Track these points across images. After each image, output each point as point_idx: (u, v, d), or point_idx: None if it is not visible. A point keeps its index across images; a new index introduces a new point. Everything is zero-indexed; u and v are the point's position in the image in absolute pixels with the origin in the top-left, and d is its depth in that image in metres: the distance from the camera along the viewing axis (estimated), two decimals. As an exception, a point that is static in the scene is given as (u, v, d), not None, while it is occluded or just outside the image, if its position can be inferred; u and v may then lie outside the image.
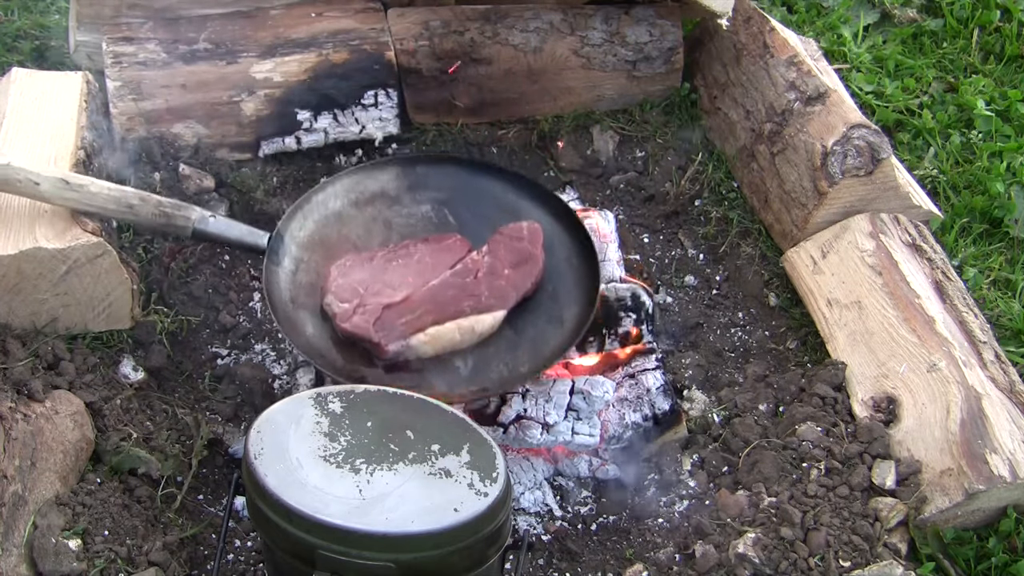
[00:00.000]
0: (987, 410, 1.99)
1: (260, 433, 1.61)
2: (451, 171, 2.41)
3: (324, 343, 2.10)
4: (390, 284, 2.15)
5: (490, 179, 2.40)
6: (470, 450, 1.63)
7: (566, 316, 2.17)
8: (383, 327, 2.08)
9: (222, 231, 2.16)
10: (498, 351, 2.12)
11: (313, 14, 2.76)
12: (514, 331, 2.15)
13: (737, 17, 2.84)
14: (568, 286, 2.23)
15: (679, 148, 2.85)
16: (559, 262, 2.26)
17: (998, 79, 3.16)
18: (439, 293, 2.14)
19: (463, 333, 2.09)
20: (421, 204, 2.37)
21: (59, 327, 2.15)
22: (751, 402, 2.27)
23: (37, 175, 2.05)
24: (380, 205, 2.36)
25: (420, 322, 2.08)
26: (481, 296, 2.14)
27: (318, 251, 2.23)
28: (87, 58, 2.74)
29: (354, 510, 1.52)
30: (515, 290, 2.16)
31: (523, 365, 2.10)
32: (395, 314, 2.10)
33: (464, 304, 2.12)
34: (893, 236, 2.37)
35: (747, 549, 1.88)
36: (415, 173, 2.39)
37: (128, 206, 2.11)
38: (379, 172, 2.39)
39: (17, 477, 1.78)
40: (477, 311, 2.11)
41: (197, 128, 2.58)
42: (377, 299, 2.11)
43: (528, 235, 2.24)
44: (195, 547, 2.01)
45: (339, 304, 2.11)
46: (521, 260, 2.20)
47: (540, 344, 2.14)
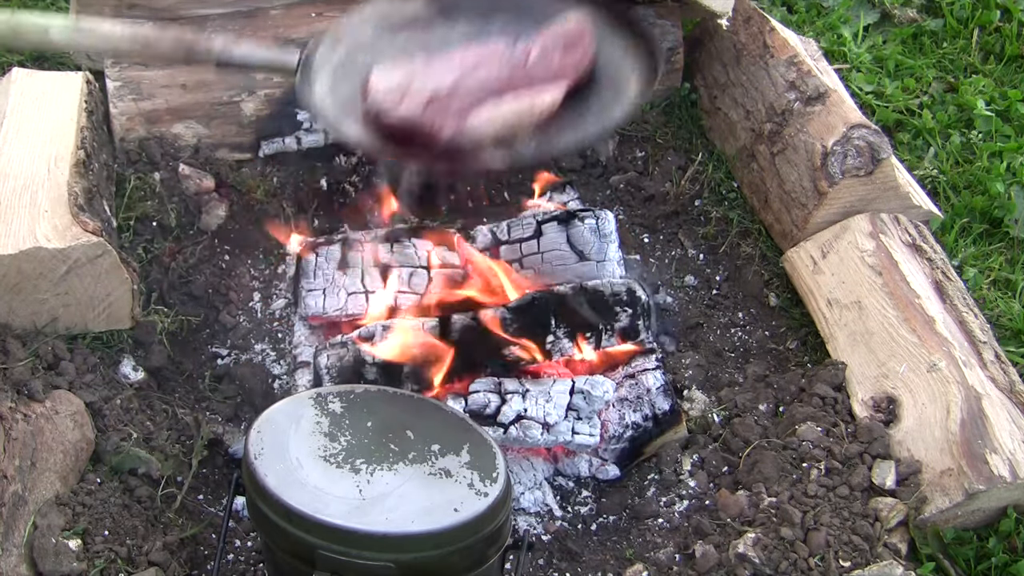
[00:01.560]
0: (987, 410, 1.99)
1: (260, 433, 1.61)
2: None
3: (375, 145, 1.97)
4: (436, 75, 1.96)
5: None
6: (470, 450, 1.63)
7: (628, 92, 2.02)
8: (435, 111, 1.90)
9: (248, 57, 2.00)
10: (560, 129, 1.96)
11: (313, 14, 2.76)
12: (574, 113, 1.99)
13: (737, 17, 2.84)
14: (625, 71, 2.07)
15: (679, 148, 2.85)
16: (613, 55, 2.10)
17: (998, 79, 3.16)
18: (491, 78, 1.97)
19: (522, 111, 1.92)
20: (458, 24, 2.20)
21: (59, 327, 2.15)
22: (751, 402, 2.27)
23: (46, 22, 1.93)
24: (415, 29, 2.19)
25: (475, 104, 1.91)
26: (535, 76, 1.98)
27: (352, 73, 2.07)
28: (87, 58, 2.74)
29: (354, 510, 1.52)
30: (570, 70, 2.00)
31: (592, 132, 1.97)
32: (446, 100, 1.92)
33: (518, 85, 1.96)
34: (893, 236, 2.37)
35: (747, 549, 1.88)
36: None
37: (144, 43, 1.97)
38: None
39: (17, 477, 1.78)
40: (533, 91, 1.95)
41: (197, 128, 2.58)
42: (424, 87, 1.93)
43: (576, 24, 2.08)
44: (195, 547, 2.01)
45: (384, 97, 1.92)
46: (571, 44, 2.04)
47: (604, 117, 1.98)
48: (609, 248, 2.43)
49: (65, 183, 2.17)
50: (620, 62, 2.08)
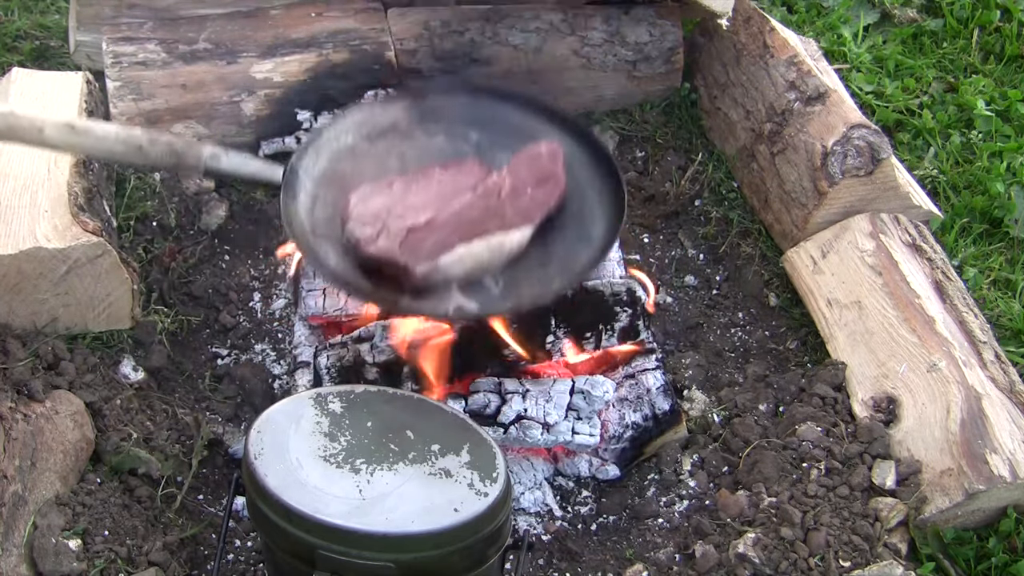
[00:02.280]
0: (987, 410, 1.99)
1: (260, 433, 1.61)
2: (462, 101, 2.31)
3: (349, 273, 2.01)
4: (412, 207, 2.05)
5: (503, 105, 2.30)
6: (470, 450, 1.63)
7: (594, 233, 2.11)
8: (409, 249, 1.98)
9: (235, 168, 2.05)
10: (528, 269, 2.05)
11: (313, 14, 2.76)
12: (542, 250, 2.08)
13: (737, 17, 2.84)
14: (592, 204, 2.15)
15: (679, 148, 2.85)
16: (581, 182, 2.18)
17: (998, 79, 3.16)
18: (463, 213, 2.05)
19: (492, 251, 2.01)
20: (434, 136, 2.27)
21: (59, 327, 2.15)
22: (751, 402, 2.27)
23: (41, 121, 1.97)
24: (392, 138, 2.26)
25: (447, 242, 1.99)
26: (506, 215, 2.05)
27: (333, 185, 2.14)
28: (87, 58, 2.74)
29: (354, 510, 1.52)
30: (539, 207, 2.08)
31: (554, 281, 2.03)
32: (420, 236, 2.00)
33: (490, 223, 2.03)
34: (893, 236, 2.37)
35: (747, 549, 1.88)
36: (425, 105, 2.30)
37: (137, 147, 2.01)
38: (389, 106, 2.30)
39: (17, 477, 1.78)
40: (504, 229, 2.03)
41: (197, 128, 2.58)
42: (400, 222, 2.01)
43: (547, 154, 2.17)
44: (195, 547, 2.01)
45: (362, 229, 2.00)
46: (543, 178, 2.12)
47: (570, 261, 2.06)
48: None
49: (65, 183, 2.17)
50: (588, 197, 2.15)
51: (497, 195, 2.08)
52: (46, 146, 2.00)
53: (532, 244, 2.06)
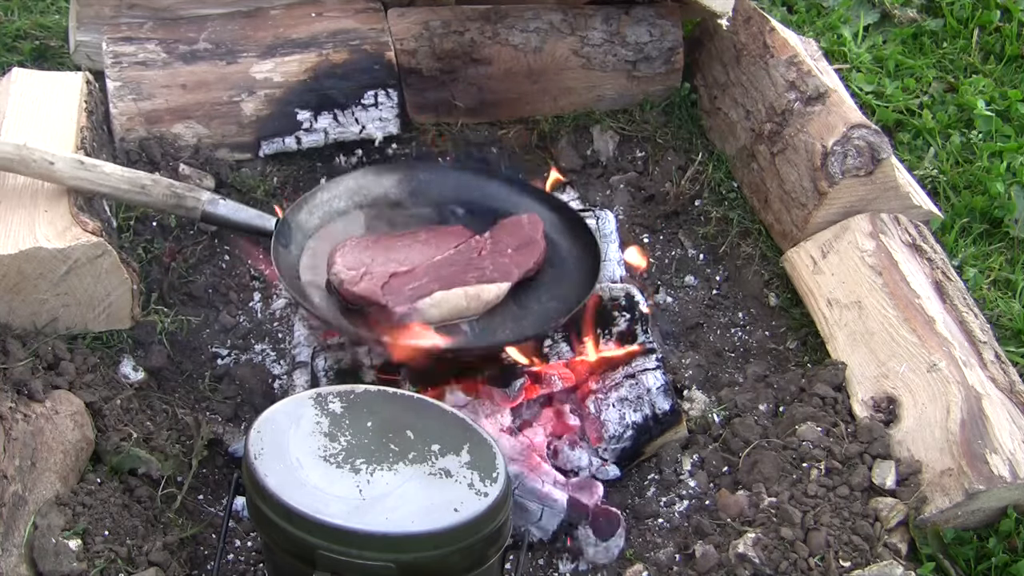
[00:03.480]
0: (987, 410, 1.99)
1: (260, 433, 1.61)
2: (452, 177, 2.48)
3: (332, 313, 2.14)
4: (396, 258, 2.21)
5: (491, 184, 2.47)
6: (470, 450, 1.63)
7: (569, 295, 2.23)
8: (391, 291, 2.12)
9: (230, 214, 2.21)
10: (504, 320, 2.18)
11: (313, 14, 2.76)
12: (518, 305, 2.22)
13: (737, 17, 2.84)
14: (569, 271, 2.30)
15: (679, 148, 2.85)
16: (561, 255, 2.33)
17: (998, 79, 3.16)
18: (444, 266, 2.20)
19: (469, 300, 2.14)
20: (423, 207, 2.43)
21: (59, 327, 2.15)
22: (751, 402, 2.27)
23: (52, 155, 2.09)
24: (383, 207, 2.42)
25: (426, 288, 2.14)
26: (486, 270, 2.20)
27: (323, 240, 2.30)
28: (87, 58, 2.74)
29: (354, 510, 1.52)
30: (518, 267, 2.23)
31: (528, 331, 2.17)
32: (402, 281, 2.15)
33: (469, 276, 2.18)
34: (893, 236, 2.37)
35: (747, 549, 1.88)
36: (417, 179, 2.46)
37: (140, 187, 2.15)
38: (382, 176, 2.45)
39: (17, 477, 1.78)
40: (482, 283, 2.17)
41: (197, 128, 2.58)
42: (384, 268, 2.17)
43: (529, 223, 2.32)
44: (195, 547, 2.01)
45: (346, 271, 2.14)
46: (523, 243, 2.27)
47: (544, 317, 2.20)
48: (609, 248, 2.43)
49: (65, 183, 2.17)
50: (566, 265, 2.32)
51: (479, 253, 2.24)
52: (55, 180, 2.12)
53: (509, 300, 2.21)
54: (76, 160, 2.11)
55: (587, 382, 2.30)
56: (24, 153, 2.07)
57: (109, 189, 2.14)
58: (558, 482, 2.09)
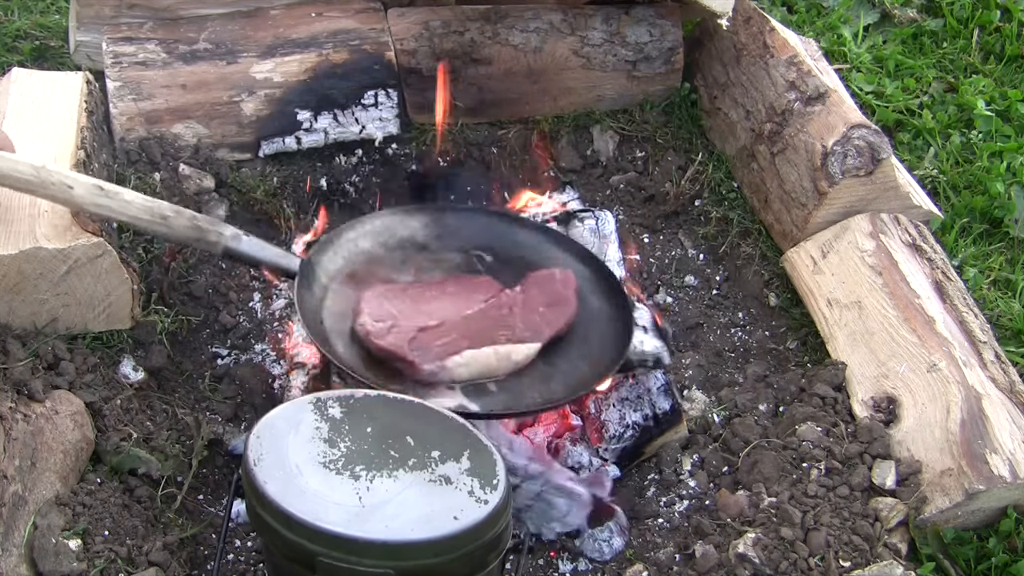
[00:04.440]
0: (987, 410, 1.99)
1: (259, 439, 1.60)
2: (481, 222, 2.40)
3: (355, 362, 2.06)
4: (424, 311, 2.13)
5: (520, 231, 2.40)
6: (470, 457, 1.62)
7: (598, 356, 2.16)
8: (418, 347, 2.05)
9: (253, 252, 2.10)
10: (532, 381, 2.10)
11: (313, 14, 2.76)
12: (547, 365, 2.14)
13: (737, 17, 2.84)
14: (600, 331, 2.22)
15: (679, 148, 2.85)
16: (592, 311, 2.25)
17: (998, 79, 3.16)
18: (474, 322, 2.12)
19: (499, 359, 2.06)
20: (450, 252, 2.35)
21: (59, 327, 2.15)
22: (751, 402, 2.27)
23: (73, 179, 2.00)
24: (409, 250, 2.34)
25: (456, 345, 2.06)
26: (516, 328, 2.12)
27: (348, 283, 2.22)
28: (87, 58, 2.74)
29: (354, 517, 1.51)
30: (549, 326, 2.15)
31: (556, 394, 2.09)
32: (430, 336, 2.07)
33: (499, 334, 2.10)
34: (893, 236, 2.37)
35: (747, 549, 1.88)
36: (444, 223, 2.38)
37: (162, 217, 2.05)
38: (409, 218, 2.37)
39: (17, 477, 1.78)
40: (512, 341, 2.09)
41: (197, 128, 2.58)
42: (412, 322, 2.09)
43: (561, 280, 2.24)
44: (195, 547, 2.01)
45: (373, 323, 2.07)
46: (554, 301, 2.19)
47: (571, 377, 2.12)
48: (609, 248, 2.43)
49: (65, 183, 2.16)
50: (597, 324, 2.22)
51: (509, 309, 2.16)
52: (73, 205, 2.02)
53: (537, 359, 2.12)
54: (96, 186, 2.00)
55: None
56: (43, 176, 1.97)
57: (128, 218, 2.03)
58: (571, 479, 2.09)
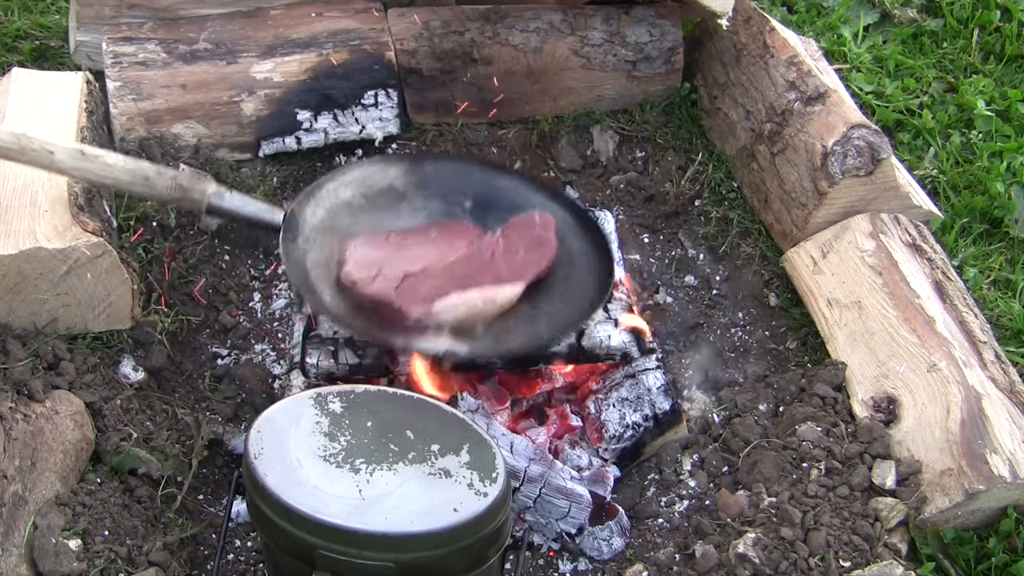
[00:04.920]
0: (987, 410, 1.99)
1: (260, 433, 1.61)
2: (459, 169, 2.43)
3: (343, 313, 2.08)
4: (408, 258, 2.16)
5: (498, 178, 2.43)
6: (470, 450, 1.63)
7: (582, 296, 2.20)
8: (405, 293, 2.07)
9: (237, 207, 2.13)
10: (517, 323, 2.14)
11: (313, 14, 2.76)
12: (532, 307, 2.17)
13: (737, 17, 2.84)
14: (582, 272, 2.25)
15: (679, 148, 2.85)
16: (572, 253, 2.28)
17: (998, 79, 3.16)
18: (458, 266, 2.15)
19: (485, 302, 2.09)
20: (430, 200, 2.37)
21: (59, 327, 2.15)
22: (751, 402, 2.27)
23: (52, 145, 2.02)
24: (390, 198, 2.36)
25: (441, 290, 2.09)
26: (499, 270, 2.16)
27: (331, 234, 2.23)
28: (87, 58, 2.74)
29: (354, 510, 1.52)
30: (531, 268, 2.18)
31: (542, 335, 2.13)
32: (416, 282, 2.10)
33: (483, 277, 2.13)
34: (893, 236, 2.37)
35: (747, 549, 1.88)
36: (423, 171, 2.40)
37: (144, 178, 2.07)
38: (388, 167, 2.39)
39: (17, 477, 1.78)
40: (496, 283, 2.12)
41: (197, 128, 2.58)
42: (397, 268, 2.11)
43: (540, 223, 2.27)
44: (195, 547, 2.01)
45: (359, 273, 2.09)
46: (535, 244, 2.23)
47: (557, 318, 2.16)
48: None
49: (65, 183, 2.17)
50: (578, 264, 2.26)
51: (491, 253, 2.20)
52: (55, 169, 2.05)
53: (522, 302, 2.17)
54: (77, 150, 2.03)
55: (587, 382, 2.30)
56: (23, 143, 2.00)
57: (111, 180, 2.06)
58: (573, 477, 2.09)
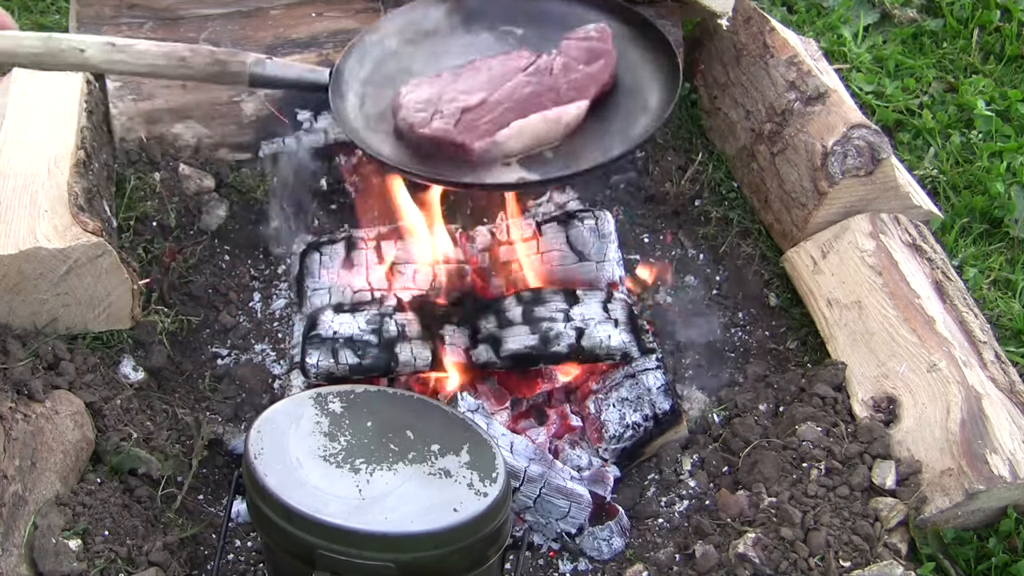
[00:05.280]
0: (987, 410, 1.99)
1: (260, 433, 1.61)
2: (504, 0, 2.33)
3: (405, 159, 2.03)
4: (465, 91, 2.08)
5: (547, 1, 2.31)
6: (470, 450, 1.63)
7: (650, 103, 2.12)
8: (466, 128, 2.01)
9: (279, 73, 2.06)
10: (586, 141, 2.06)
11: (313, 14, 2.76)
12: (600, 121, 2.09)
13: (737, 17, 2.84)
14: (646, 77, 2.17)
15: (679, 148, 2.85)
16: (633, 62, 2.20)
17: (998, 79, 3.16)
18: (516, 91, 2.07)
19: (549, 124, 2.02)
20: (479, 34, 2.29)
21: (59, 327, 2.15)
22: (751, 402, 2.27)
23: (81, 41, 1.96)
24: (437, 40, 2.27)
25: (503, 119, 2.02)
26: (560, 90, 2.08)
27: (381, 85, 2.17)
28: (87, 58, 2.74)
29: (354, 510, 1.52)
30: (593, 82, 2.10)
31: (614, 149, 2.03)
32: (475, 115, 2.03)
33: (544, 99, 2.06)
34: (893, 236, 2.37)
35: (747, 549, 1.88)
36: (467, 7, 2.31)
37: (180, 59, 1.99)
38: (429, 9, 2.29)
39: (17, 477, 1.78)
40: (558, 104, 2.05)
41: (197, 128, 2.58)
42: (454, 104, 2.05)
43: (597, 34, 2.19)
44: (195, 547, 2.01)
45: (415, 114, 2.03)
46: (594, 56, 2.14)
47: (628, 129, 2.07)
48: (608, 248, 2.43)
49: (65, 183, 2.17)
50: (641, 73, 2.16)
51: (549, 73, 2.10)
52: (88, 67, 1.96)
53: (588, 118, 2.06)
54: (107, 42, 1.94)
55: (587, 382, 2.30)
56: (51, 44, 1.92)
57: (146, 68, 1.97)
58: (573, 477, 2.09)
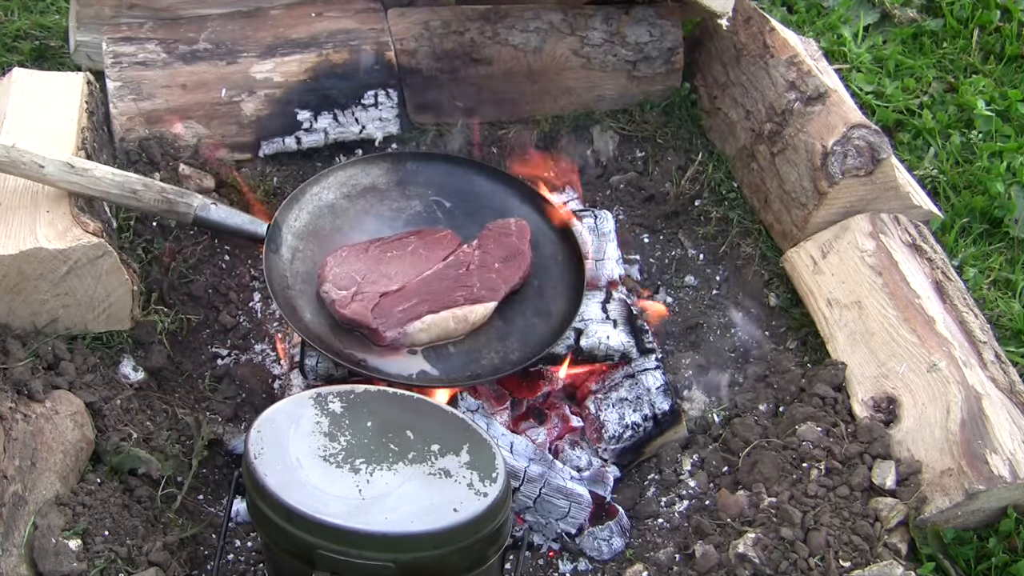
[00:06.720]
0: (987, 410, 1.99)
1: (260, 433, 1.61)
2: (440, 168, 2.48)
3: (322, 329, 2.15)
4: (386, 274, 2.21)
5: (477, 177, 2.48)
6: (470, 450, 1.63)
7: (553, 310, 2.25)
8: (381, 314, 2.14)
9: (223, 219, 2.21)
10: (489, 340, 2.20)
11: (313, 14, 2.76)
12: (504, 322, 2.23)
13: (737, 17, 2.84)
14: (554, 281, 2.31)
15: (679, 148, 2.85)
16: (545, 259, 2.34)
17: (998, 79, 3.16)
18: (433, 283, 2.21)
19: (457, 322, 2.16)
20: (411, 199, 2.43)
21: (59, 327, 2.15)
22: (751, 402, 2.27)
23: (42, 158, 2.08)
24: (371, 199, 2.42)
25: (416, 310, 2.16)
26: (473, 287, 2.21)
27: (313, 241, 2.30)
28: (87, 58, 2.74)
29: (354, 510, 1.52)
30: (505, 283, 2.24)
31: (513, 353, 2.18)
32: (392, 302, 2.17)
33: (457, 294, 2.20)
34: (893, 236, 2.37)
35: (747, 549, 1.88)
36: (405, 169, 2.46)
37: (131, 191, 2.14)
38: (371, 167, 2.45)
39: (17, 477, 1.78)
40: (470, 301, 2.19)
41: (197, 128, 2.58)
42: (374, 287, 2.18)
43: (516, 231, 2.33)
44: (195, 547, 2.01)
45: (337, 291, 2.15)
46: (510, 255, 2.28)
47: (528, 335, 2.21)
48: (608, 247, 2.43)
49: (65, 183, 2.17)
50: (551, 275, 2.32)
51: (467, 267, 2.25)
52: (45, 182, 2.12)
53: (494, 316, 2.22)
54: (66, 163, 2.09)
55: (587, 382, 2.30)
56: (14, 155, 2.05)
57: (100, 193, 2.13)
58: (573, 477, 2.10)
